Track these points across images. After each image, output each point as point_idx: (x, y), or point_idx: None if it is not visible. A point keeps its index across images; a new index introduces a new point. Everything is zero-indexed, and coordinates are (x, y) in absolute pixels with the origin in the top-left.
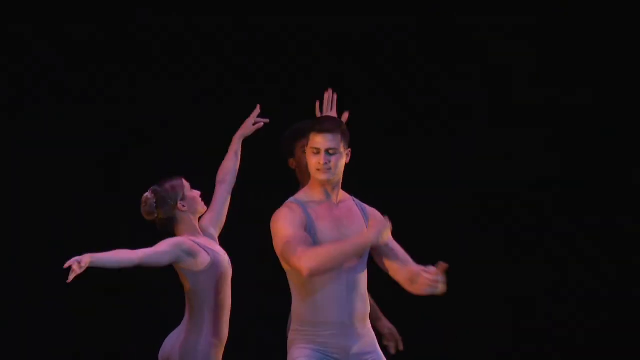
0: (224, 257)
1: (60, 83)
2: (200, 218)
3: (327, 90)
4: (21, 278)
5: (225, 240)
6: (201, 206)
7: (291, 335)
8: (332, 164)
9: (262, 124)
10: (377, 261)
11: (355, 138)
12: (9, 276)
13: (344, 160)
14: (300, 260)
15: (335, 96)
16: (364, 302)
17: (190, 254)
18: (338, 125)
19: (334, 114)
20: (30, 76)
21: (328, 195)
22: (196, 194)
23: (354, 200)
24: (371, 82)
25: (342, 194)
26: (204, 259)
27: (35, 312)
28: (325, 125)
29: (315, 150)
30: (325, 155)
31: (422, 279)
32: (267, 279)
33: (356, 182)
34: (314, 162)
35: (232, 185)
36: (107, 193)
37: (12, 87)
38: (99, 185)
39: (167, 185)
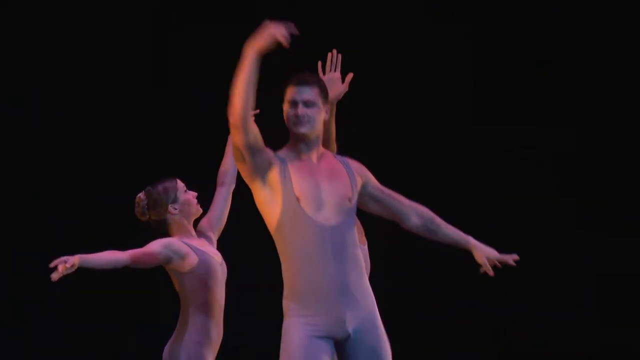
0: (215, 258)
1: None
2: (199, 219)
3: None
4: (20, 278)
5: (224, 240)
6: (195, 209)
7: (284, 304)
8: (309, 117)
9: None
10: (381, 212)
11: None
12: (7, 276)
13: (322, 115)
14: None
15: (339, 57)
16: (355, 262)
17: (179, 254)
18: (316, 79)
19: (337, 75)
20: None
21: (307, 153)
22: (191, 196)
23: (335, 157)
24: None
25: (322, 151)
26: (191, 260)
27: (34, 312)
28: (303, 78)
29: (292, 104)
30: (302, 106)
31: (485, 257)
32: (266, 279)
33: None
34: (291, 115)
35: (232, 186)
36: (107, 193)
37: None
38: (98, 184)
39: (160, 187)
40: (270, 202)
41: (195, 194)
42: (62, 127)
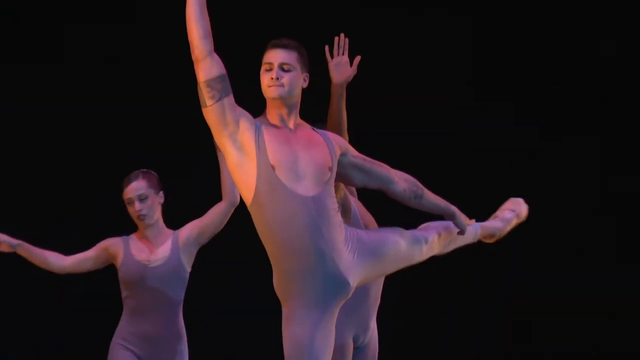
0: (142, 263)
1: None
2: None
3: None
4: (20, 278)
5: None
6: (140, 225)
7: (278, 289)
8: (285, 80)
9: None
10: (367, 182)
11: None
12: (8, 276)
13: (300, 81)
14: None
15: (346, 41)
16: (340, 227)
17: (112, 255)
18: (297, 45)
19: (345, 59)
20: None
21: (283, 121)
22: (130, 211)
23: (313, 129)
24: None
25: (299, 121)
26: (118, 260)
27: (35, 312)
28: (281, 41)
29: (268, 67)
30: (278, 70)
31: (458, 221)
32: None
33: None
34: (266, 78)
35: (234, 199)
36: (107, 193)
37: None
38: (98, 183)
39: (123, 184)
40: (242, 166)
41: (136, 210)
42: (61, 127)
